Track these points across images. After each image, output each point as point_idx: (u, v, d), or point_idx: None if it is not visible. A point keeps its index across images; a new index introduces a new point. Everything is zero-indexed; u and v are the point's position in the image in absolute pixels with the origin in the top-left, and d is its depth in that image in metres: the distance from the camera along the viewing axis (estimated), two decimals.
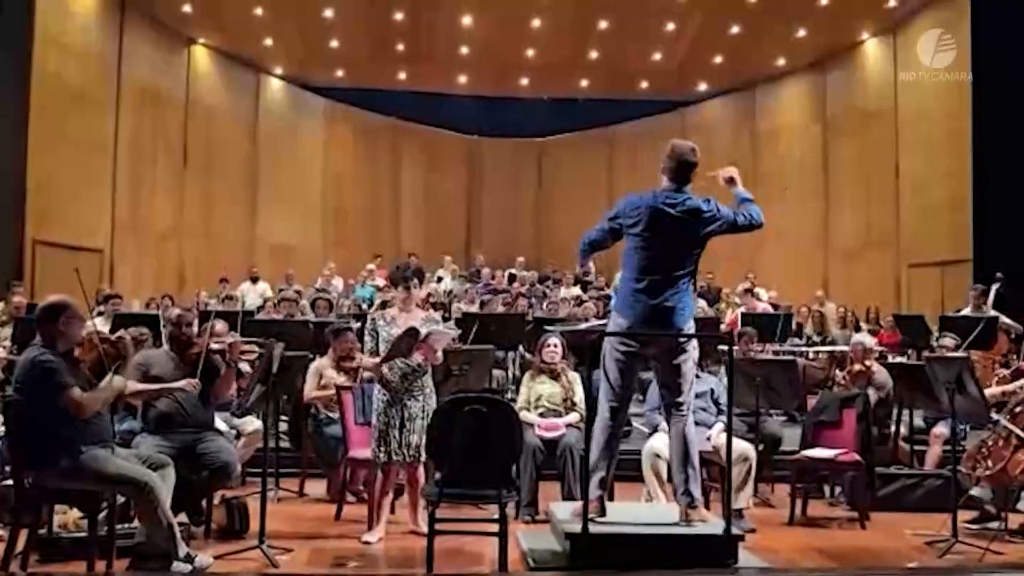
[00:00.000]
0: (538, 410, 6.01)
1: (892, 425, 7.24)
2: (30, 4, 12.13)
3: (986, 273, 9.93)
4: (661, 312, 4.26)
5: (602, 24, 15.75)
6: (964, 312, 9.23)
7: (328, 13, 15.32)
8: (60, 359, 4.04)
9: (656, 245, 4.29)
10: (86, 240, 13.32)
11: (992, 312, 8.90)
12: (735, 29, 15.65)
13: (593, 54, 17.02)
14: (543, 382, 6.13)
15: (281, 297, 11.97)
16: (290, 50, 16.77)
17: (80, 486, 4.08)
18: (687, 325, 4.36)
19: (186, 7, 14.72)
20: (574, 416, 5.93)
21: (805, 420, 6.57)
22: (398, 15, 15.66)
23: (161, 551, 4.07)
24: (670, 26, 15.78)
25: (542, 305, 12.30)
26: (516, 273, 15.13)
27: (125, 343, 4.30)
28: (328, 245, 17.78)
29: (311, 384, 6.35)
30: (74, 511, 4.57)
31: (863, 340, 7.24)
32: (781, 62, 17.02)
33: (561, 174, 20.06)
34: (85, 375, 4.20)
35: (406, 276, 5.20)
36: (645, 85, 18.37)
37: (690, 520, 4.25)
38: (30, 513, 4.13)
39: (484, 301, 11.80)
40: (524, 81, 18.49)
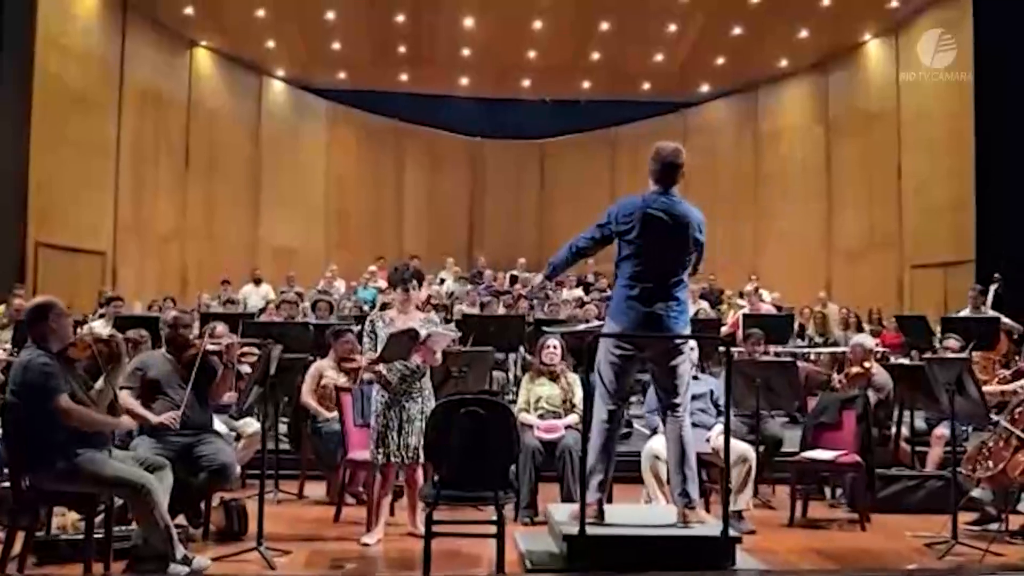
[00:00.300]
0: (537, 412, 6.01)
1: (893, 426, 7.22)
2: (32, 6, 12.18)
3: (989, 274, 9.91)
4: (655, 319, 4.24)
5: (603, 25, 15.77)
6: (963, 313, 9.22)
7: (330, 15, 15.36)
8: (55, 361, 4.03)
9: (649, 251, 4.26)
10: (88, 242, 13.35)
11: (991, 312, 8.88)
12: (737, 30, 15.67)
13: (595, 55, 17.05)
14: (542, 384, 6.12)
15: (282, 299, 11.95)
16: (292, 52, 16.80)
17: (77, 488, 4.08)
18: (682, 330, 4.34)
19: (188, 9, 14.77)
20: (573, 418, 5.91)
21: (805, 421, 6.56)
22: (400, 17, 15.70)
23: (158, 553, 4.05)
24: (672, 27, 15.80)
25: (543, 307, 12.28)
26: (518, 275, 15.12)
27: (118, 342, 4.28)
28: (330, 247, 17.80)
29: (309, 386, 6.39)
30: (72, 513, 4.56)
31: (863, 341, 7.19)
32: (783, 63, 17.02)
33: (563, 176, 20.07)
34: (81, 376, 4.19)
35: (404, 278, 5.19)
36: (647, 86, 18.38)
37: (688, 522, 4.24)
38: (27, 515, 4.13)
39: (484, 303, 11.78)
40: (526, 83, 18.51)
